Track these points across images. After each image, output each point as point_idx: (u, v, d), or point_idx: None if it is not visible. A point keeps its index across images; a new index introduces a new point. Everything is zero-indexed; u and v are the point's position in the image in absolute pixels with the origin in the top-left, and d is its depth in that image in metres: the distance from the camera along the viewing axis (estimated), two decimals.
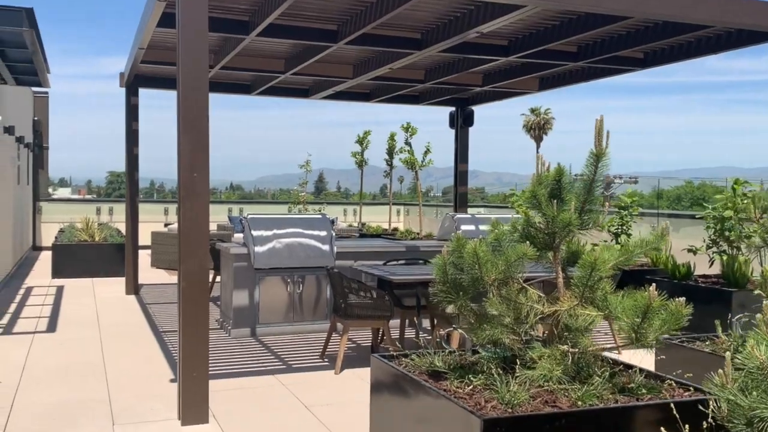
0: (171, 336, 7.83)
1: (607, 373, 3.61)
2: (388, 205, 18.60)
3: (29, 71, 9.66)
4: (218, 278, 10.68)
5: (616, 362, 3.94)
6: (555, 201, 3.62)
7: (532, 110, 70.47)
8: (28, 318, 8.89)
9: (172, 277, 13.21)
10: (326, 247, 8.19)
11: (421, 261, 8.07)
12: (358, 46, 7.99)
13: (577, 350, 3.73)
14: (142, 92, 11.13)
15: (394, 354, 4.19)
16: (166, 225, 17.42)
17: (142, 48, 8.39)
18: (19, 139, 13.52)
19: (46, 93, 20.16)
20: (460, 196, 12.73)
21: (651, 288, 3.31)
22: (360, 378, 6.16)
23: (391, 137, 17.37)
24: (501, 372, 3.61)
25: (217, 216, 19.96)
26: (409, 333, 7.83)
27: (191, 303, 4.93)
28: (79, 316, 9.02)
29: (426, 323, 8.19)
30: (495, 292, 3.59)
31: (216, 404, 5.29)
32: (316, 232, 8.23)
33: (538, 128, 70.64)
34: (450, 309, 6.40)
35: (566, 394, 3.44)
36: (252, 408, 5.38)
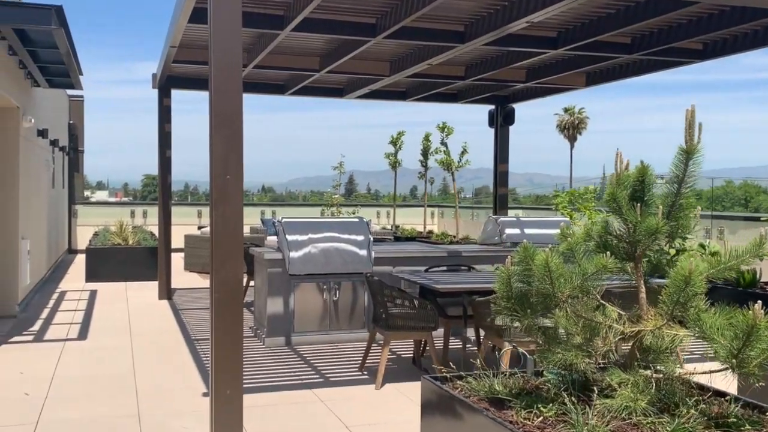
0: (203, 344, 7.50)
1: (700, 404, 3.14)
2: (423, 207, 18.15)
3: (61, 72, 9.45)
4: (251, 283, 10.36)
5: (703, 388, 3.46)
6: (639, 205, 3.15)
7: (566, 110, 69.48)
8: (59, 324, 8.65)
9: (205, 281, 12.95)
10: (364, 253, 7.78)
11: (464, 267, 7.64)
12: (397, 40, 7.57)
13: (662, 375, 3.27)
14: (180, 96, 10.92)
15: (448, 376, 3.76)
16: (199, 228, 17.24)
17: (173, 46, 8.08)
18: (54, 143, 13.38)
19: (82, 97, 20.12)
20: (500, 197, 12.23)
21: (756, 306, 2.83)
22: (402, 394, 5.74)
23: (426, 138, 16.94)
24: (575, 401, 3.15)
25: (250, 218, 19.73)
26: (453, 343, 7.39)
27: (224, 316, 4.55)
28: (110, 323, 8.76)
29: (468, 331, 7.75)
30: (569, 310, 3.14)
31: (251, 422, 4.92)
32: (353, 237, 7.83)
33: (572, 128, 69.62)
34: (499, 321, 5.96)
35: (653, 428, 2.98)
36: (289, 427, 5.00)
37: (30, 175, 10.22)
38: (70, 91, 18.07)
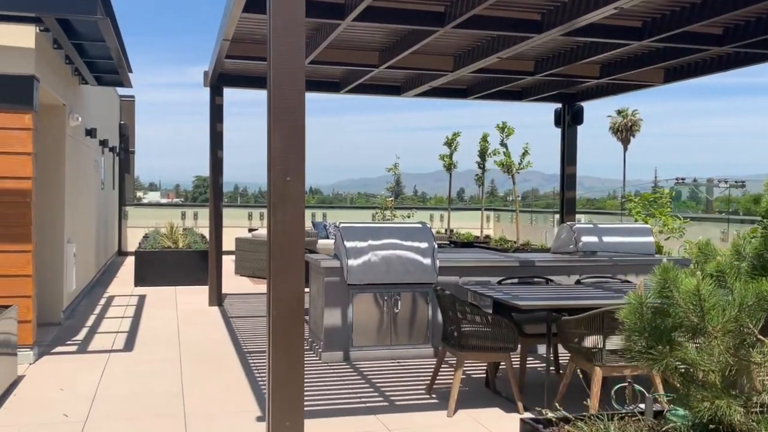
0: (257, 358, 7.01)
1: None
2: (479, 211, 17.45)
3: (110, 69, 9.09)
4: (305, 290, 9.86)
5: None
6: None
7: (619, 112, 67.77)
8: (105, 333, 8.27)
9: (257, 286, 12.53)
10: (428, 261, 7.18)
11: (537, 279, 6.95)
12: (466, 30, 6.96)
13: None
14: (228, 97, 10.48)
15: (553, 419, 3.13)
16: (250, 230, 16.91)
17: (227, 39, 7.61)
18: (103, 143, 13.14)
19: (132, 97, 20.04)
20: (567, 201, 11.48)
21: None
22: (480, 424, 5.12)
23: (484, 138, 16.30)
24: None
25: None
26: (531, 363, 6.72)
27: (283, 337, 4.01)
28: (158, 332, 8.34)
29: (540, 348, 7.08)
30: (721, 348, 2.49)
31: None
32: (416, 244, 7.23)
33: (624, 130, 67.90)
34: (589, 343, 5.28)
35: None
36: None
37: (77, 176, 9.91)
38: (120, 91, 17.96)
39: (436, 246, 7.28)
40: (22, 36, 6.77)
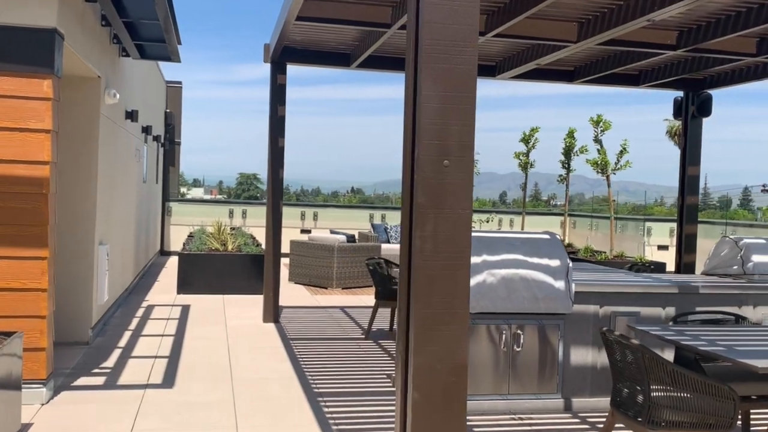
0: (331, 402, 5.38)
1: None
2: (561, 216, 15.56)
3: (155, 36, 7.54)
4: (380, 310, 8.23)
5: None
6: None
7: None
8: (140, 358, 6.71)
9: (315, 297, 10.94)
10: (560, 285, 5.41)
11: (725, 316, 5.11)
12: None
13: None
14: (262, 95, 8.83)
15: None
16: (302, 231, 15.37)
17: None
18: (146, 129, 11.68)
19: (180, 83, 18.65)
20: (688, 208, 9.59)
21: None
22: None
23: (570, 134, 14.46)
24: None
25: (357, 222, 17.72)
26: None
27: None
28: (205, 359, 6.74)
29: None
30: None
31: None
32: (544, 261, 5.48)
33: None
34: None
35: None
36: None
37: (114, 164, 8.38)
38: (167, 77, 16.60)
39: (570, 264, 5.51)
40: None
